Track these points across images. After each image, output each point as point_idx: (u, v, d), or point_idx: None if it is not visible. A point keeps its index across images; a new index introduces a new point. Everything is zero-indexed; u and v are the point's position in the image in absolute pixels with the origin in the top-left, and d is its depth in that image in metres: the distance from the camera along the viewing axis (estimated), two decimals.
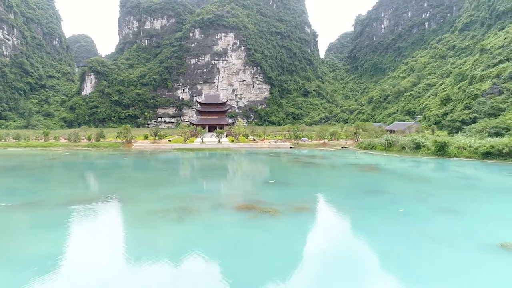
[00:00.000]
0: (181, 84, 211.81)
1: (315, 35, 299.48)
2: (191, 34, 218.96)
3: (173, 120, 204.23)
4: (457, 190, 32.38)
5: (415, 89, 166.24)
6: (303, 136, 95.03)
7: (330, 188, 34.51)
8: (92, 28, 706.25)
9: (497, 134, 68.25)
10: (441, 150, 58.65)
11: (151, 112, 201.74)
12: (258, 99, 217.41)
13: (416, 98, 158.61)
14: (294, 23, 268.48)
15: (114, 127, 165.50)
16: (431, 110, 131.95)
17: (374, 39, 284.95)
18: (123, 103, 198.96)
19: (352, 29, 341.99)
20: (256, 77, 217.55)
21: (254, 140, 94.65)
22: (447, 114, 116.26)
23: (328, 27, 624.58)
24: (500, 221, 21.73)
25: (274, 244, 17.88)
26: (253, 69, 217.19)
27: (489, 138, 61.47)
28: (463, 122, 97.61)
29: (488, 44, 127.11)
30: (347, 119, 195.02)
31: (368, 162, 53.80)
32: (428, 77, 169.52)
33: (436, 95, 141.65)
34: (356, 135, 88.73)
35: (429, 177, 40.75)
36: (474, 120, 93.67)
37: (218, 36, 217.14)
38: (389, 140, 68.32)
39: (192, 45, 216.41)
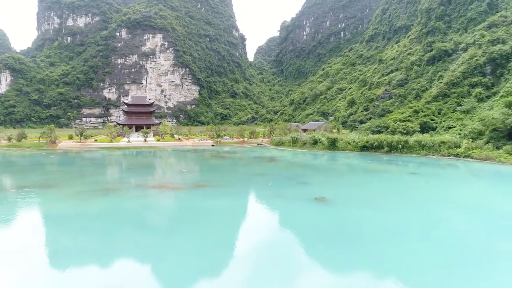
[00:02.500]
0: (107, 84, 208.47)
1: (243, 38, 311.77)
2: (117, 34, 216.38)
3: (99, 120, 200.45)
4: (321, 172, 43.82)
5: (329, 92, 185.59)
6: (225, 135, 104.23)
7: (229, 173, 43.85)
8: (3, 20, 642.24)
9: (379, 132, 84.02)
10: (332, 145, 71.80)
11: (75, 112, 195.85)
12: (187, 99, 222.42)
13: (330, 100, 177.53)
14: (222, 27, 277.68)
15: (34, 128, 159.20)
16: (340, 112, 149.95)
17: (298, 44, 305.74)
18: (43, 102, 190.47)
19: (278, 34, 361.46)
20: (185, 78, 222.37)
21: (179, 139, 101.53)
22: (352, 115, 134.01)
23: (258, 30, 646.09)
24: (325, 187, 32.83)
25: (174, 205, 26.45)
26: (182, 70, 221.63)
27: (371, 135, 76.17)
28: (361, 122, 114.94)
29: (384, 55, 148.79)
30: (271, 120, 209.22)
31: (273, 155, 64.50)
32: (340, 82, 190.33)
33: (345, 98, 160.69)
34: (271, 134, 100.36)
35: (310, 164, 52.34)
36: (369, 120, 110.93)
37: (146, 37, 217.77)
38: (294, 137, 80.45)
39: (119, 45, 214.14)
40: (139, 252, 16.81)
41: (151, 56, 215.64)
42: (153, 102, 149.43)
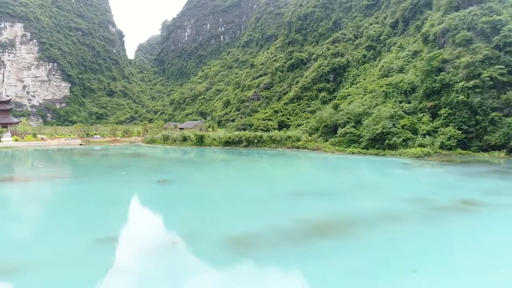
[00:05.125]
0: None
1: (121, 35, 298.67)
2: None
3: None
4: (178, 163, 49.42)
5: (207, 93, 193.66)
6: (95, 134, 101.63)
7: (90, 167, 45.92)
8: None
9: (244, 129, 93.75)
10: (200, 141, 78.09)
11: None
12: (56, 97, 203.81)
13: (208, 101, 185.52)
14: (97, 21, 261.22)
15: None
16: (217, 112, 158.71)
17: (179, 45, 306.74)
18: None
19: (160, 32, 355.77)
20: (53, 74, 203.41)
21: (43, 138, 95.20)
22: (227, 114, 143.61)
23: (139, 27, 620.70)
24: (173, 173, 38.50)
25: (23, 193, 28.45)
26: (48, 65, 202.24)
27: (234, 132, 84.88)
28: (233, 121, 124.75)
29: (256, 61, 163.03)
30: (152, 119, 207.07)
31: (142, 152, 67.19)
32: (218, 83, 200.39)
33: (221, 99, 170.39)
34: (145, 132, 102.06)
35: (173, 158, 57.49)
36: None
37: (3, 25, 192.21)
38: (165, 135, 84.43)
39: None
40: None
41: (10, 48, 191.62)
42: (11, 99, 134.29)
